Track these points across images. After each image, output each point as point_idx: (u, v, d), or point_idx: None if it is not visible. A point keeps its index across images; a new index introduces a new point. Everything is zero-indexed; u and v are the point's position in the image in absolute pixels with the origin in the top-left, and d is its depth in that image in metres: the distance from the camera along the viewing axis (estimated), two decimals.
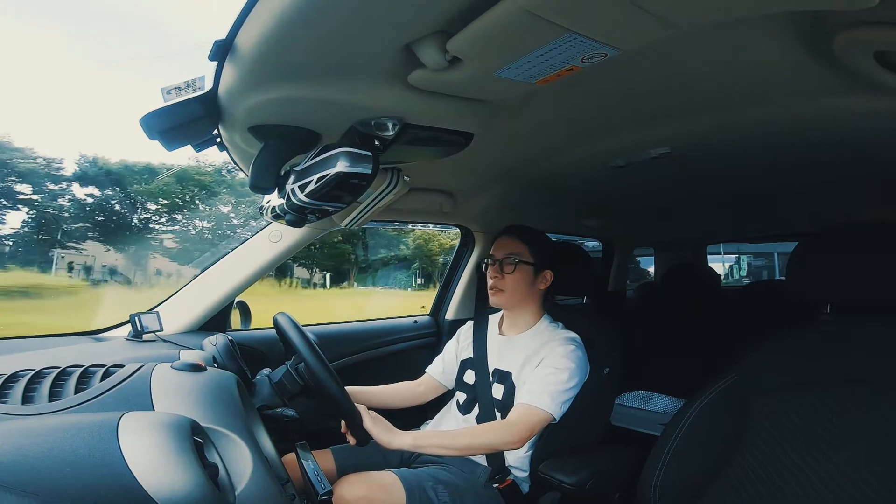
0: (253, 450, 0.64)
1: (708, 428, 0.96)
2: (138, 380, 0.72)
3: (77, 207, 13.44)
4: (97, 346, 1.17)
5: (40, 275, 12.13)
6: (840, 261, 0.90)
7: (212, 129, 0.90)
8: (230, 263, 1.40)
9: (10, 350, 1.02)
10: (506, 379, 1.26)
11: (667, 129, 1.04)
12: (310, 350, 1.01)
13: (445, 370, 1.44)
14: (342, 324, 1.81)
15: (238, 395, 0.77)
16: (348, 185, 0.85)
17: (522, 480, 1.24)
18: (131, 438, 0.53)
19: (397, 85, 0.74)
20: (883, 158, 1.12)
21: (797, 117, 0.92)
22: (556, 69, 0.67)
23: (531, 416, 1.12)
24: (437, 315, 1.98)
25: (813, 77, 0.77)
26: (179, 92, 0.76)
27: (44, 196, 13.04)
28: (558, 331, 1.27)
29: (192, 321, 1.36)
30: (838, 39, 0.63)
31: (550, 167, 1.31)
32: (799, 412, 0.88)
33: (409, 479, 1.11)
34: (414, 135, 0.90)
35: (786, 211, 1.96)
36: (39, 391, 0.66)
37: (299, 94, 0.75)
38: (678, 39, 0.60)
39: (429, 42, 0.62)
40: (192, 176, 14.18)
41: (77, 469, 0.49)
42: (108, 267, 13.21)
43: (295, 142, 0.91)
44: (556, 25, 0.55)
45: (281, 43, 0.62)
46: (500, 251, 1.30)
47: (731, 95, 0.88)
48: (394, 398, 1.39)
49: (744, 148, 1.11)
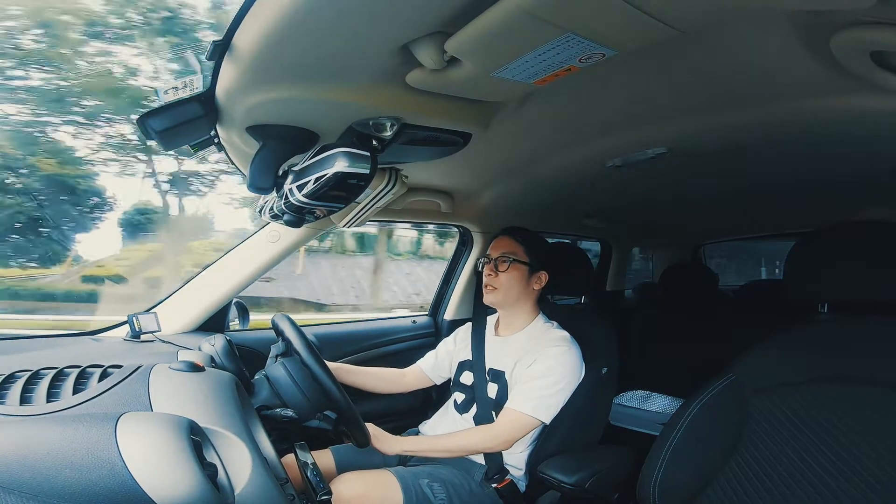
0: (252, 450, 0.64)
1: (707, 427, 0.97)
2: (136, 380, 0.72)
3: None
4: (95, 346, 1.17)
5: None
6: (837, 259, 0.90)
7: (210, 129, 0.90)
8: (228, 264, 1.40)
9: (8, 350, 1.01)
10: (499, 378, 1.27)
11: (664, 129, 1.04)
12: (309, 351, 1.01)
13: (436, 365, 1.48)
14: (341, 324, 1.81)
15: (237, 395, 0.77)
16: (346, 185, 0.85)
17: (520, 479, 1.25)
18: (130, 439, 0.53)
19: (395, 85, 0.74)
20: (880, 158, 1.12)
21: (794, 117, 0.92)
22: (554, 69, 0.67)
23: (516, 422, 1.17)
24: (436, 315, 1.98)
25: (810, 77, 0.78)
26: (177, 92, 0.76)
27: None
28: (552, 330, 1.28)
29: (191, 322, 1.36)
30: (835, 39, 0.63)
31: (548, 167, 1.31)
32: (798, 411, 0.88)
33: (406, 476, 1.12)
34: (412, 135, 0.90)
35: (783, 210, 1.97)
36: (37, 392, 0.66)
37: (297, 94, 0.75)
38: (676, 39, 0.60)
39: (427, 42, 0.62)
40: None
41: (76, 469, 0.49)
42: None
43: (293, 142, 0.91)
44: (554, 25, 0.55)
45: (279, 43, 0.62)
46: (495, 251, 1.33)
47: (728, 95, 0.88)
48: (375, 382, 1.43)
49: (741, 147, 1.11)
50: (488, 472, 1.21)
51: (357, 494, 1.04)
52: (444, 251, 4.43)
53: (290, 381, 0.99)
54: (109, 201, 7.17)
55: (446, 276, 1.96)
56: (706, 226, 2.54)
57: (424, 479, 1.13)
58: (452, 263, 1.96)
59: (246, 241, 1.42)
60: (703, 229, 2.69)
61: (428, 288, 5.28)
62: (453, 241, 1.98)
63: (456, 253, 1.95)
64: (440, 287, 1.98)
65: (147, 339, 1.22)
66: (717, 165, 1.29)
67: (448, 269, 1.97)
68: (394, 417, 1.59)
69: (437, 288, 2.00)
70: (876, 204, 1.57)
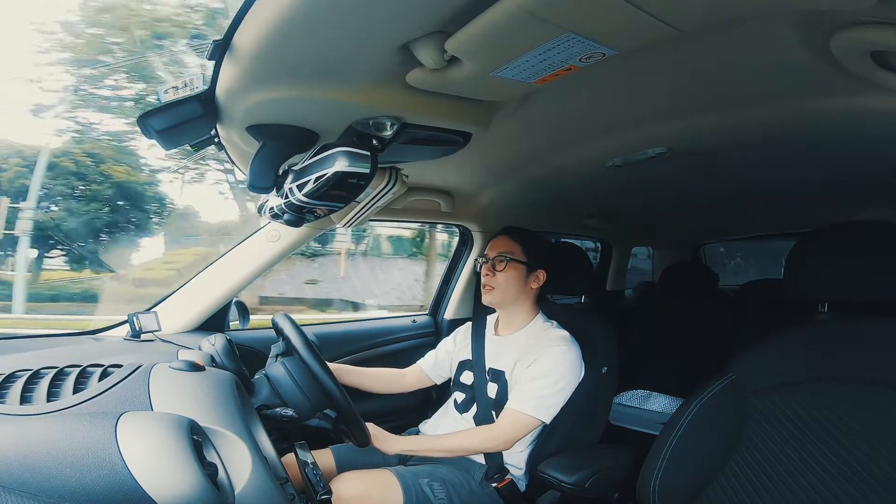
0: (252, 449, 0.64)
1: (707, 427, 0.97)
2: (136, 380, 0.72)
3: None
4: (95, 345, 1.17)
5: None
6: (837, 259, 0.90)
7: (210, 129, 0.90)
8: (228, 263, 1.40)
9: (8, 350, 1.01)
10: (499, 378, 1.27)
11: (664, 129, 1.04)
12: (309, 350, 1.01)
13: (436, 365, 1.48)
14: (341, 323, 1.80)
15: (237, 394, 0.77)
16: (346, 185, 0.85)
17: (520, 479, 1.25)
18: (130, 438, 0.53)
19: (395, 84, 0.74)
20: (880, 158, 1.12)
21: (795, 117, 0.92)
22: (554, 69, 0.67)
23: (516, 422, 1.18)
24: (436, 315, 1.98)
25: (810, 77, 0.78)
26: (177, 91, 0.76)
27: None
28: (551, 329, 1.28)
29: (191, 321, 1.35)
30: (835, 39, 0.63)
31: (548, 167, 1.31)
32: (797, 411, 0.88)
33: (406, 476, 1.12)
34: (412, 134, 0.90)
35: (783, 210, 1.97)
36: (37, 391, 0.66)
37: (297, 94, 0.75)
38: (676, 39, 0.60)
39: (427, 42, 0.62)
40: None
41: (76, 469, 0.49)
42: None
43: (293, 141, 0.91)
44: (554, 25, 0.55)
45: (279, 42, 0.62)
46: (493, 250, 1.33)
47: (728, 95, 0.88)
48: (375, 383, 1.44)
49: (741, 147, 1.11)
50: (488, 472, 1.21)
51: (357, 494, 1.04)
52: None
53: (290, 380, 0.99)
54: (169, 206, 7.30)
55: (446, 276, 1.97)
56: (706, 226, 2.54)
57: (424, 479, 1.13)
58: (452, 263, 1.96)
59: (246, 240, 1.42)
60: (703, 229, 2.69)
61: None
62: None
63: (456, 252, 1.96)
64: (440, 287, 1.99)
65: (147, 338, 1.21)
66: (717, 165, 1.29)
67: (448, 268, 1.97)
68: (394, 417, 1.59)
69: (437, 287, 2.00)
70: (876, 204, 1.57)
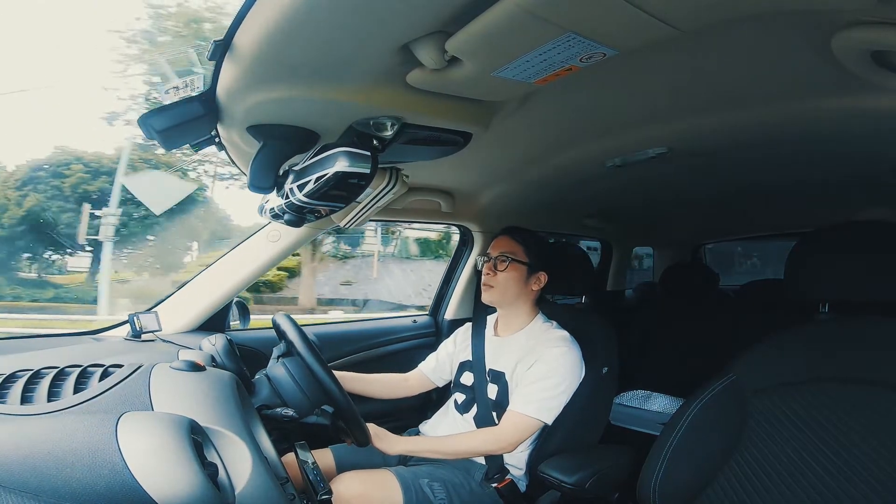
0: (252, 449, 0.64)
1: (707, 427, 0.97)
2: (137, 380, 0.72)
3: None
4: (96, 346, 1.17)
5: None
6: (837, 259, 0.90)
7: (210, 129, 0.90)
8: (229, 263, 1.40)
9: (8, 350, 1.01)
10: (499, 379, 1.27)
11: (665, 129, 1.04)
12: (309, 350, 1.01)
13: (437, 367, 1.48)
14: (341, 323, 1.80)
15: (237, 394, 0.77)
16: (347, 185, 0.85)
17: (520, 479, 1.25)
18: (130, 438, 0.53)
19: (396, 85, 0.74)
20: (880, 158, 1.12)
21: (795, 117, 0.92)
22: (555, 69, 0.67)
23: (519, 424, 1.17)
24: (436, 315, 1.98)
25: (810, 77, 0.78)
26: (178, 91, 0.76)
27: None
28: (552, 330, 1.28)
29: (191, 321, 1.36)
30: (836, 39, 0.63)
31: (548, 167, 1.31)
32: (797, 410, 0.88)
33: (406, 476, 1.12)
34: (412, 134, 0.90)
35: (783, 210, 1.97)
36: (38, 391, 0.66)
37: (298, 94, 0.75)
38: (676, 39, 0.60)
39: (427, 42, 0.62)
40: None
41: (77, 469, 0.49)
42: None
43: (293, 141, 0.91)
44: (555, 25, 0.55)
45: (279, 42, 0.62)
46: (495, 250, 1.33)
47: (728, 95, 0.88)
48: (380, 389, 1.43)
49: (741, 147, 1.11)
50: (488, 472, 1.21)
51: (357, 494, 1.04)
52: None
53: (290, 380, 0.99)
54: (211, 210, 7.41)
55: (447, 276, 1.96)
56: (706, 226, 2.54)
57: (424, 479, 1.13)
58: (453, 263, 1.96)
59: (246, 240, 1.42)
60: (703, 229, 2.69)
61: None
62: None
63: (456, 252, 1.96)
64: (440, 287, 1.98)
65: (148, 338, 1.22)
66: (717, 165, 1.29)
67: (448, 268, 1.97)
68: (394, 417, 1.59)
69: (438, 288, 2.00)
70: (876, 204, 1.57)
